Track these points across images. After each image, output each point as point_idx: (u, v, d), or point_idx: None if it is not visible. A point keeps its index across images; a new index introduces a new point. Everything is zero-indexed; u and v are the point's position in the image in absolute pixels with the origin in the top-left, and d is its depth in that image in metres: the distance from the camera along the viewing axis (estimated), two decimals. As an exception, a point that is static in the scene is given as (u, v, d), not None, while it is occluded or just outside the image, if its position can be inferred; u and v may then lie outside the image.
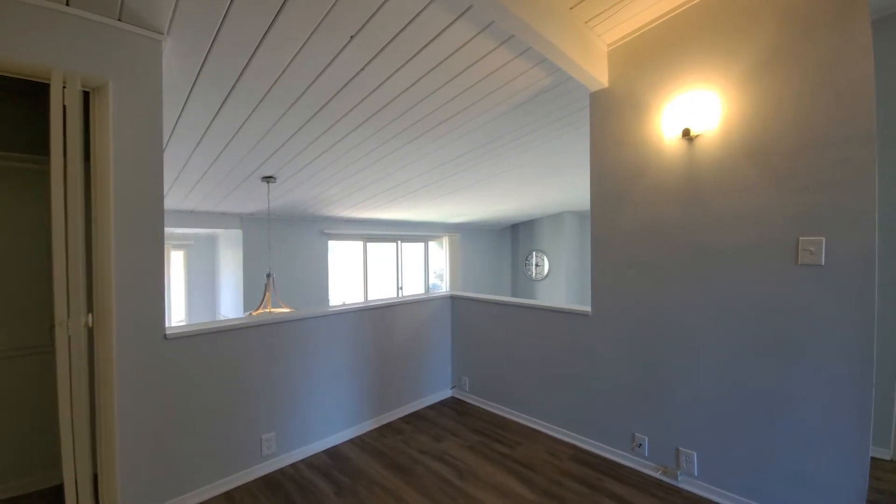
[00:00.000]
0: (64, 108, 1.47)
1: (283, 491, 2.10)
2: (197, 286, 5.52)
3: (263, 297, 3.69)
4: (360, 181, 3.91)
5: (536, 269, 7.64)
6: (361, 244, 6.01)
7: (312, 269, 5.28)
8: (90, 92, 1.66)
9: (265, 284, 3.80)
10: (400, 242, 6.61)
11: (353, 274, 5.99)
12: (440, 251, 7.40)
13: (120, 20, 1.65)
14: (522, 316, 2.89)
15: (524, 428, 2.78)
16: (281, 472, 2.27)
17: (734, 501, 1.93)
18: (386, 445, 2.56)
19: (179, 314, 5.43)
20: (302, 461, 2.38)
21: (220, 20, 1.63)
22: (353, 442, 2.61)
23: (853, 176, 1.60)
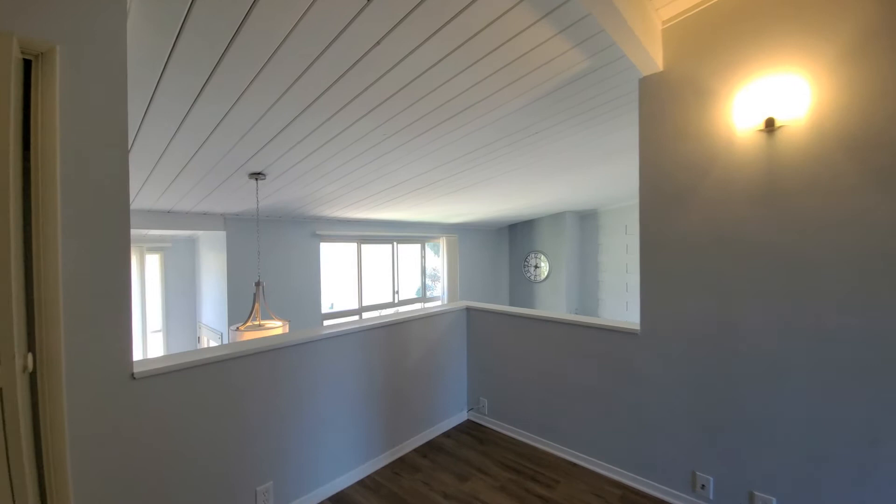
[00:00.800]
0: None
1: (284, 557, 1.72)
2: (176, 291, 5.07)
3: (252, 308, 3.26)
4: (358, 179, 3.52)
5: (535, 270, 7.36)
6: (356, 246, 5.62)
7: (303, 272, 4.88)
8: (32, 60, 1.24)
9: (254, 294, 3.37)
10: (396, 244, 6.23)
11: (346, 277, 5.60)
12: (436, 253, 7.04)
13: (69, -37, 1.24)
14: (554, 332, 2.55)
15: (559, 461, 2.44)
16: (280, 528, 1.88)
17: (827, 559, 1.64)
18: (403, 488, 2.19)
19: (156, 322, 4.97)
20: (305, 512, 2.00)
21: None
22: (363, 484, 2.23)
23: None
